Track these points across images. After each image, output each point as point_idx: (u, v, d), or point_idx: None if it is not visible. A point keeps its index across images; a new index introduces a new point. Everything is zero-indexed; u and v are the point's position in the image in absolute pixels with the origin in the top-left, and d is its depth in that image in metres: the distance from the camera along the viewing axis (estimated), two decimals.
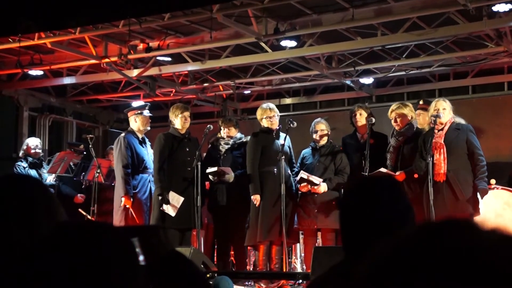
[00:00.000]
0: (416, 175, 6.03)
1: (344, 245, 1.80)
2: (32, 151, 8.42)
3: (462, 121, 6.20)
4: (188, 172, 6.66)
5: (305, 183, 6.47)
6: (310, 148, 6.83)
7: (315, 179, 6.46)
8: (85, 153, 8.77)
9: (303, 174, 6.44)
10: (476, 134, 6.15)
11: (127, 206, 6.82)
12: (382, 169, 6.14)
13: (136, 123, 7.13)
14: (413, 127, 6.35)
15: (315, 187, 6.43)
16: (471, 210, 5.90)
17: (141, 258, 1.40)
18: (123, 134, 7.13)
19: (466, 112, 6.52)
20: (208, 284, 1.43)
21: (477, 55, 9.46)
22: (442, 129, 6.08)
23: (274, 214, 6.44)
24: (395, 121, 6.36)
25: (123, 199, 6.80)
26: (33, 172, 8.17)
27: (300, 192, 6.65)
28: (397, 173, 6.12)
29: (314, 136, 6.76)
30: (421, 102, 6.82)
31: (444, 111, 6.07)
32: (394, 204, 1.79)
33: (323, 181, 6.47)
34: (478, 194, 5.95)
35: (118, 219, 6.86)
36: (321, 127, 6.73)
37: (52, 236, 1.19)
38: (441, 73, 10.70)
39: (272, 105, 6.88)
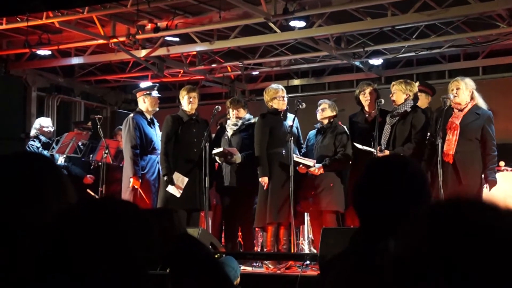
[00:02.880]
0: None
1: (362, 224, 1.78)
2: (46, 129, 8.48)
3: (484, 105, 6.01)
4: (194, 154, 6.66)
5: (301, 165, 6.43)
6: (316, 129, 6.80)
7: (308, 161, 6.41)
8: (92, 131, 8.79)
9: (295, 158, 6.39)
10: (492, 120, 5.97)
11: (136, 186, 6.84)
12: (357, 145, 6.10)
13: (144, 103, 7.13)
14: (408, 106, 6.17)
15: (310, 169, 6.40)
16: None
17: None
18: (131, 115, 7.13)
19: None
20: (221, 267, 1.43)
21: (488, 35, 9.36)
22: (461, 110, 5.95)
23: (282, 196, 6.42)
24: (392, 96, 6.28)
25: (131, 179, 6.82)
26: (46, 153, 8.18)
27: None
28: (386, 152, 6.03)
29: (317, 114, 6.71)
30: (417, 84, 6.74)
31: (459, 91, 5.92)
32: (417, 185, 1.78)
33: (322, 163, 6.41)
34: (485, 185, 5.85)
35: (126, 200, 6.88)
36: (323, 106, 6.68)
37: (74, 209, 1.21)
38: (451, 54, 10.61)
39: (281, 86, 6.89)
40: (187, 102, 6.84)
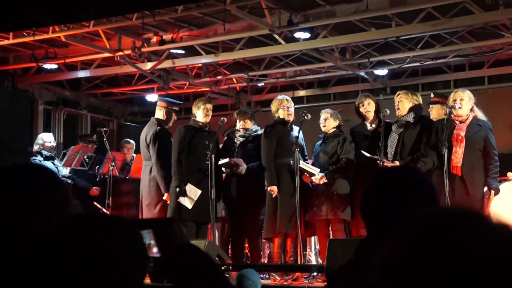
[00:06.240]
0: None
1: (370, 232, 1.78)
2: (48, 144, 8.52)
3: (483, 116, 6.05)
4: (206, 165, 6.64)
5: (306, 174, 6.41)
6: (321, 140, 6.80)
7: (313, 169, 6.39)
8: (97, 144, 8.82)
9: (301, 164, 6.37)
10: (492, 130, 6.04)
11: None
12: (365, 153, 6.09)
13: (160, 111, 7.17)
14: (411, 117, 6.17)
15: (313, 178, 6.37)
16: (479, 208, 5.81)
17: (154, 250, 1.40)
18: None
19: (482, 103, 6.41)
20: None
21: (493, 45, 9.36)
22: (463, 122, 5.96)
23: (292, 206, 6.39)
24: (397, 107, 6.28)
25: (166, 194, 6.77)
26: (49, 164, 8.20)
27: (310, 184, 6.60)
28: (396, 163, 6.03)
29: (321, 125, 6.73)
30: (432, 96, 6.74)
31: (462, 102, 5.94)
32: (425, 195, 1.78)
33: (324, 172, 6.39)
34: (488, 192, 5.87)
35: (156, 213, 6.88)
36: (325, 115, 6.69)
37: (60, 227, 1.20)
38: (457, 63, 10.61)
39: (288, 97, 6.89)
40: (203, 113, 6.86)
